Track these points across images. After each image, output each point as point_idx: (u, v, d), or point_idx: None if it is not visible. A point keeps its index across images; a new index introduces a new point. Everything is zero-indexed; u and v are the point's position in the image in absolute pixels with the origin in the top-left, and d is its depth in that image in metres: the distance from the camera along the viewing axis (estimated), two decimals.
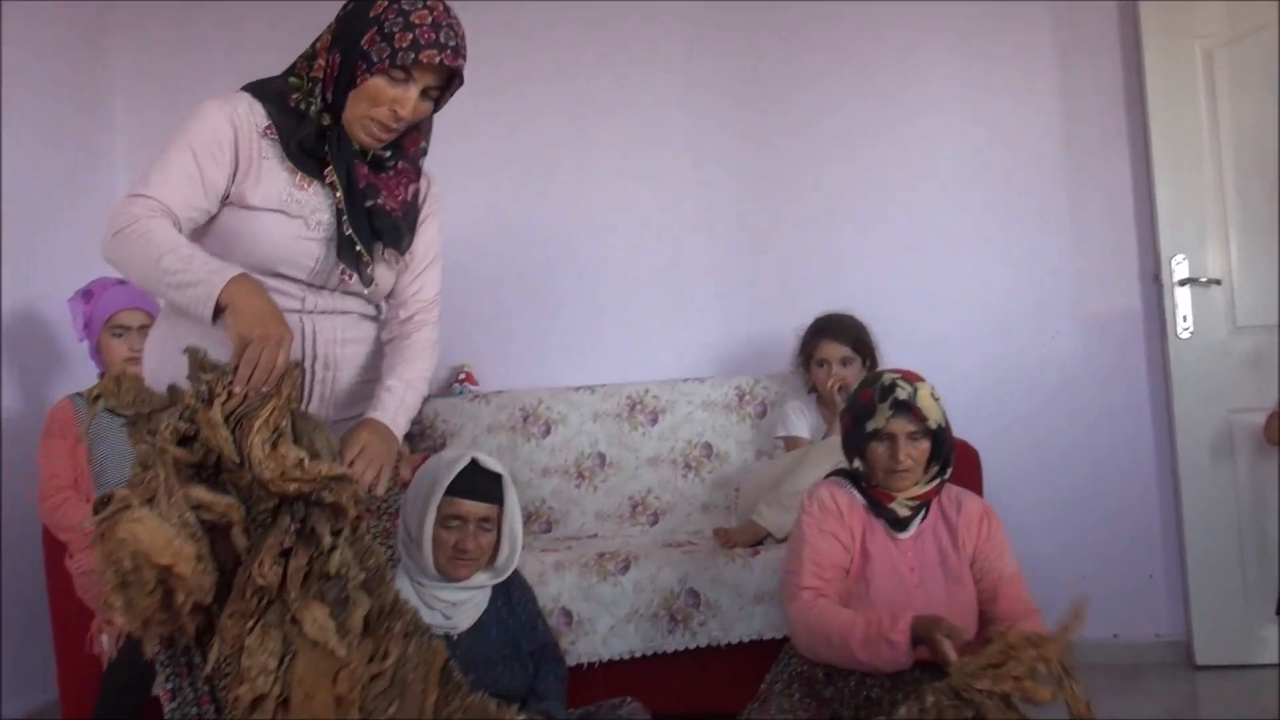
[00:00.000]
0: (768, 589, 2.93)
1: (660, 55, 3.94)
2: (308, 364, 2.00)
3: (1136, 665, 3.50)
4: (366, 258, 1.98)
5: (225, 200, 1.96)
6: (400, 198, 2.04)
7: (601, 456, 3.68)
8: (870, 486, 2.41)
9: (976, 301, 3.77)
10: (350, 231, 1.96)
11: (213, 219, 1.97)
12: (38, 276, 3.48)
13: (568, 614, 2.98)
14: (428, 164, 2.16)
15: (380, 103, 1.92)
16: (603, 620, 2.99)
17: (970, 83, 3.81)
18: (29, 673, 3.34)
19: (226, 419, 1.73)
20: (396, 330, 2.13)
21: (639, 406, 3.72)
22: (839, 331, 3.36)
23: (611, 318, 3.94)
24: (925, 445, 2.34)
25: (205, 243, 1.98)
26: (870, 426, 2.35)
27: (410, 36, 1.89)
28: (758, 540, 3.09)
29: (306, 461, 1.73)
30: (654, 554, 3.09)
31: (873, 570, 2.37)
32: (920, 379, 2.38)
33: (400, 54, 1.88)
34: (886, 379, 2.38)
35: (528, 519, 3.60)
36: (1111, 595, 3.59)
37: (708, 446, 3.66)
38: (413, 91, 1.93)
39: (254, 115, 1.96)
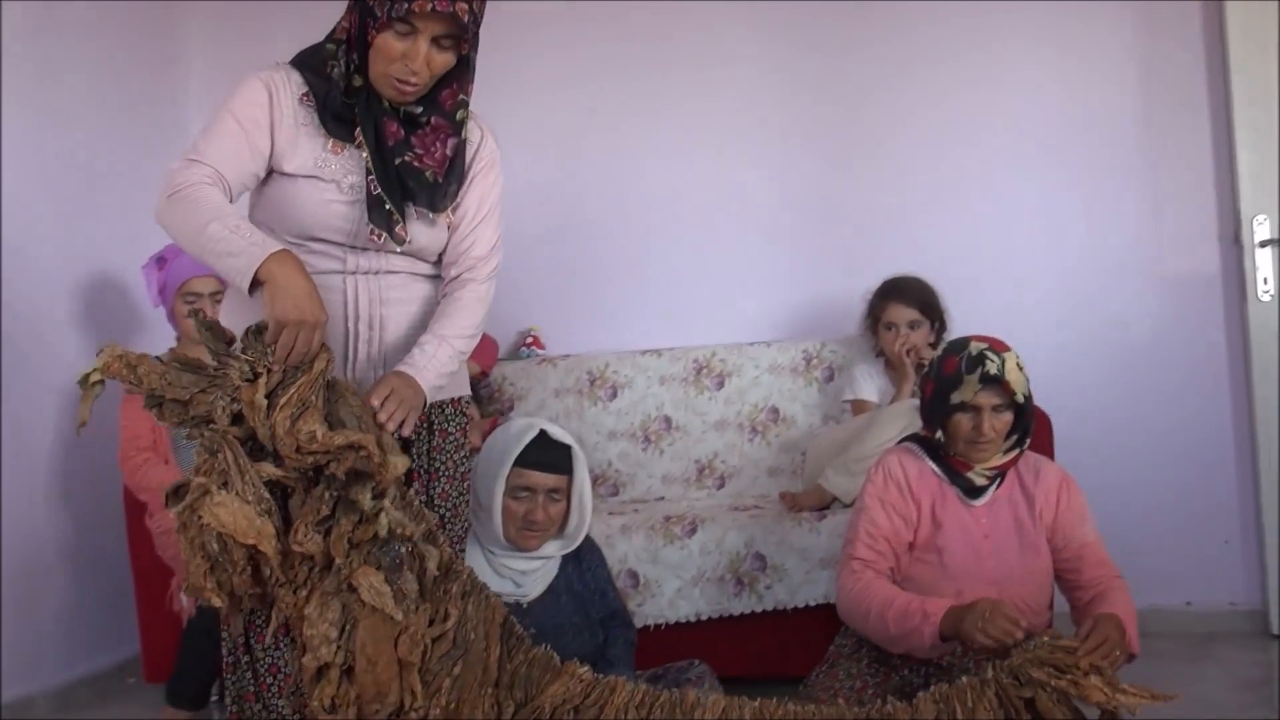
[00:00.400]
0: (834, 553, 2.92)
1: (730, 17, 3.90)
2: (350, 325, 2.01)
3: (1211, 634, 3.45)
4: (397, 216, 1.97)
5: (271, 164, 1.98)
6: (437, 155, 2.01)
7: (668, 420, 3.69)
8: (947, 455, 2.37)
9: (1050, 265, 3.70)
10: (379, 191, 1.95)
11: (263, 186, 2.00)
12: (118, 241, 3.54)
13: (634, 576, 3.01)
14: (487, 118, 2.14)
15: (392, 58, 1.90)
16: (669, 583, 3.01)
17: (1045, 43, 3.72)
18: (113, 628, 3.44)
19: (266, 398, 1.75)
20: (447, 288, 2.11)
21: (705, 370, 3.72)
22: (907, 294, 3.33)
23: (678, 281, 3.94)
24: (1009, 417, 2.29)
25: (257, 210, 2.02)
26: (956, 398, 2.28)
27: None
28: (824, 505, 3.09)
29: (320, 434, 1.73)
30: (720, 517, 3.10)
31: (945, 539, 2.34)
32: (1007, 348, 2.30)
33: (395, 6, 1.86)
34: (974, 349, 2.29)
35: (595, 482, 3.63)
36: (1186, 562, 3.54)
37: (774, 410, 3.66)
38: (420, 44, 1.89)
39: (291, 84, 1.98)
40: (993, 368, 2.25)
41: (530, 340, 3.93)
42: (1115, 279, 3.66)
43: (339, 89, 1.96)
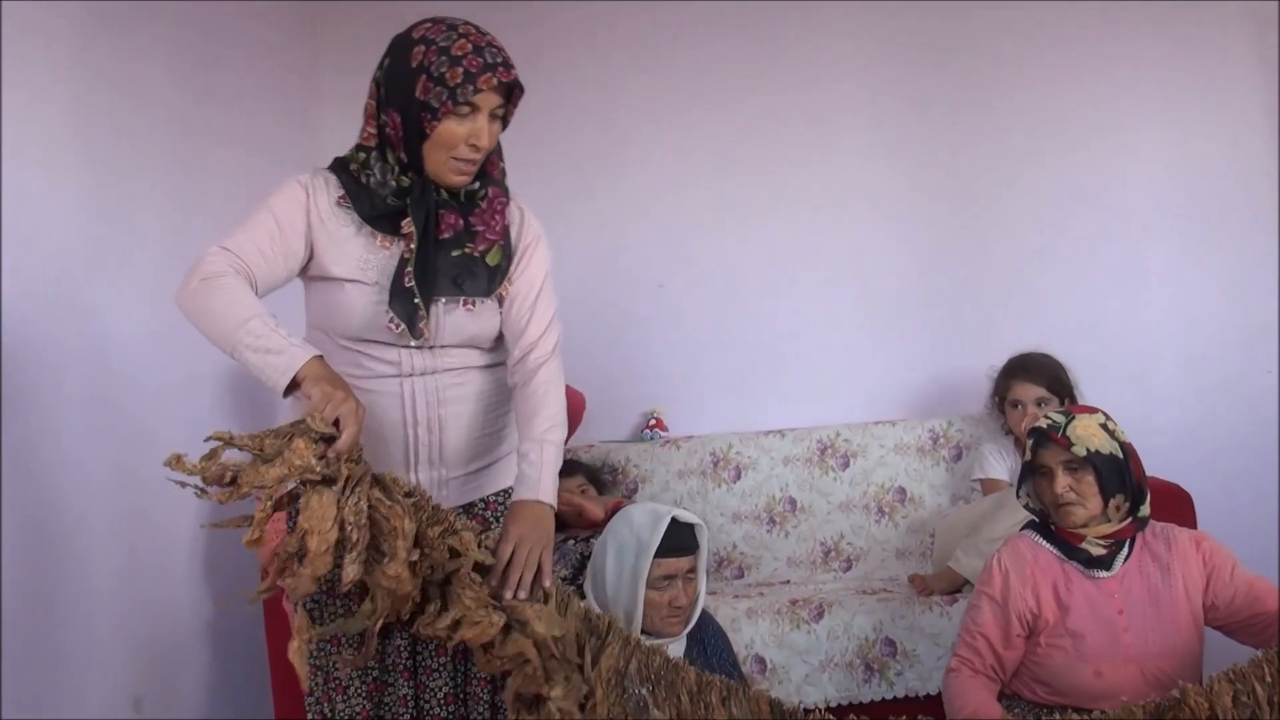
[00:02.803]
0: None
1: (846, 90, 3.91)
2: (409, 430, 2.00)
3: None
4: (422, 311, 1.94)
5: (309, 273, 2.00)
6: (498, 226, 2.02)
7: (793, 501, 3.66)
8: (1059, 530, 2.33)
9: (1183, 334, 3.60)
10: (411, 283, 1.93)
11: (313, 290, 2.02)
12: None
13: (761, 661, 2.97)
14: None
15: (455, 143, 1.91)
16: (797, 668, 2.96)
17: (1170, 102, 3.67)
18: (248, 707, 3.52)
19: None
20: (516, 375, 2.07)
21: (830, 450, 3.68)
22: (1033, 372, 3.26)
23: (800, 360, 3.92)
24: (1088, 477, 2.26)
25: (310, 313, 2.04)
26: (1026, 462, 2.37)
27: (460, 70, 1.87)
28: (955, 588, 3.01)
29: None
30: (848, 601, 3.05)
31: (1075, 622, 2.28)
32: (1087, 411, 2.34)
33: (459, 90, 1.87)
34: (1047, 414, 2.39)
35: (720, 564, 3.61)
36: None
37: (901, 491, 3.60)
38: (482, 121, 1.91)
39: (329, 187, 2.00)
40: (1044, 423, 2.32)
41: (653, 422, 3.95)
42: (1251, 347, 3.55)
43: (389, 189, 1.97)
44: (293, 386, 1.80)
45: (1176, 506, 2.94)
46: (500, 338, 2.10)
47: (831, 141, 3.92)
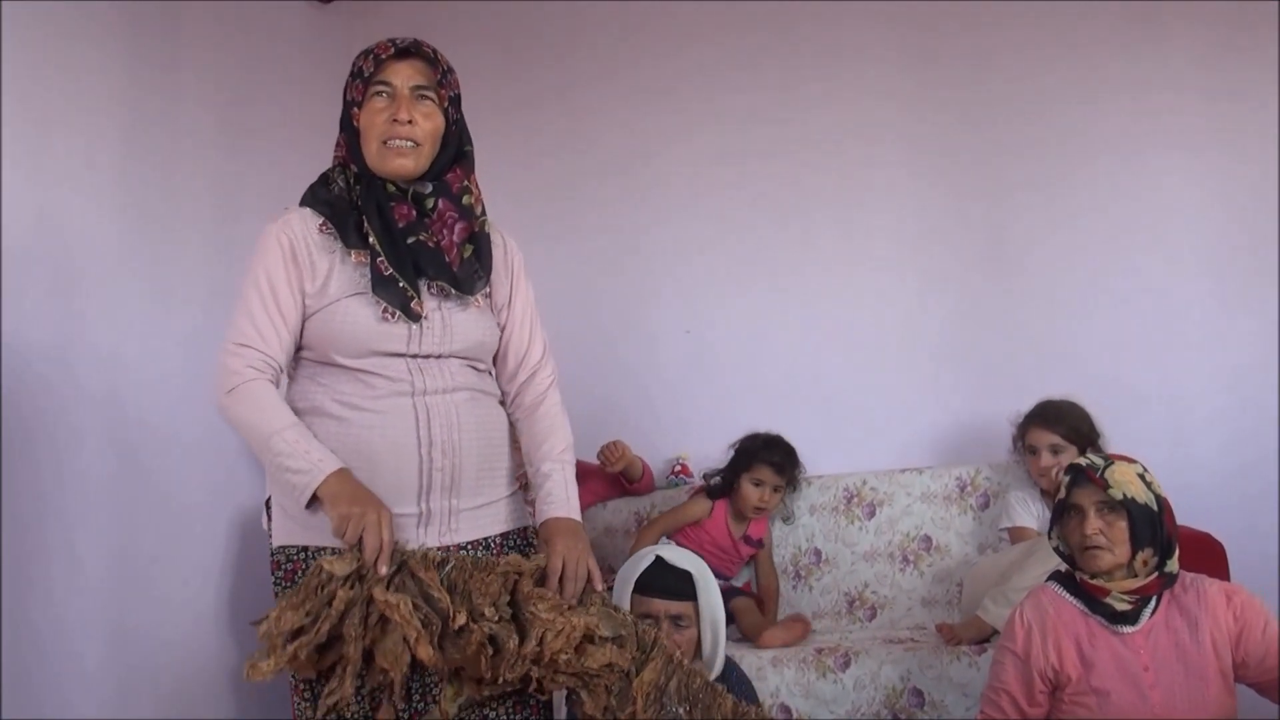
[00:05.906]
0: None
1: (876, 140, 3.93)
2: (424, 451, 1.94)
3: None
4: (411, 292, 1.93)
5: (308, 309, 1.97)
6: (444, 241, 1.99)
7: (818, 553, 3.63)
8: (1085, 582, 2.29)
9: (1222, 384, 3.56)
10: (390, 271, 1.93)
11: (311, 325, 1.98)
12: None
13: (787, 711, 2.94)
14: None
15: (379, 123, 1.96)
16: (823, 718, 2.93)
17: (1208, 154, 3.64)
18: None
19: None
20: (526, 396, 2.12)
21: (856, 498, 3.66)
22: (1052, 418, 3.24)
23: (827, 408, 3.90)
24: (1120, 523, 2.22)
25: (310, 350, 2.00)
26: (1059, 501, 2.34)
27: (370, 56, 1.99)
28: (984, 637, 2.98)
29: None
30: (874, 650, 3.02)
31: (1100, 678, 2.23)
32: (1127, 459, 2.31)
33: (368, 73, 1.97)
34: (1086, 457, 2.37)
35: None
36: None
37: (927, 539, 3.57)
38: (401, 94, 1.96)
39: (307, 221, 2.00)
40: (1084, 462, 2.31)
41: (679, 468, 3.94)
42: None
43: (343, 202, 2.00)
44: (314, 499, 1.85)
45: (1208, 556, 2.90)
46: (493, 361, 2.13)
47: (862, 192, 3.94)
